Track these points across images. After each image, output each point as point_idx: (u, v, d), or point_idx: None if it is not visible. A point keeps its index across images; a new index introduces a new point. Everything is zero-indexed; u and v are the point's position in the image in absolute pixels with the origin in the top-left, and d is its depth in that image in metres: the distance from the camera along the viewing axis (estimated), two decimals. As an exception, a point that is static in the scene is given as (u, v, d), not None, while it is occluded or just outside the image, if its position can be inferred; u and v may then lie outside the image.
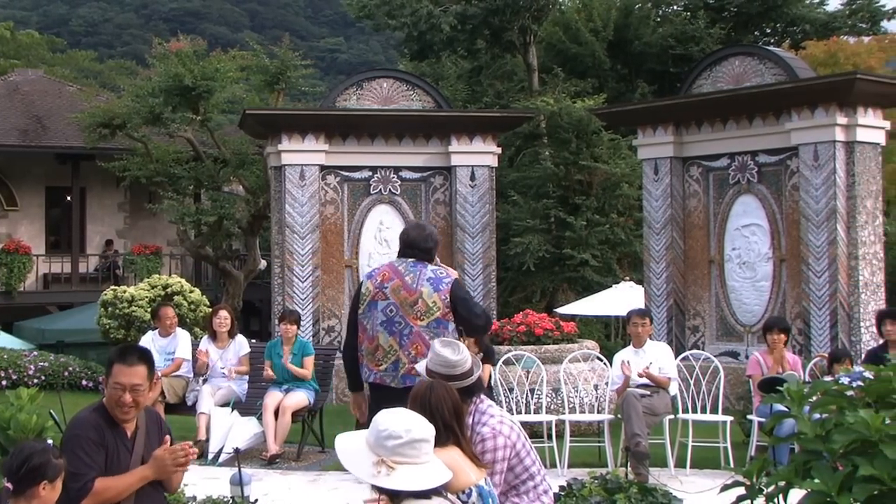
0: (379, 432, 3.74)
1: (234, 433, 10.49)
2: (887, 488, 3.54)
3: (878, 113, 13.15)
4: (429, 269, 6.48)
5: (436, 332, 6.31)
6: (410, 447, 3.71)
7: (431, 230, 6.77)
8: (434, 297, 6.38)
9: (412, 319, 6.40)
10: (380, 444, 3.71)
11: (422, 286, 6.40)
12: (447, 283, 6.42)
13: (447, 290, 6.40)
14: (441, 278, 6.45)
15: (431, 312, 6.39)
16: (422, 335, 6.36)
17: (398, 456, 3.69)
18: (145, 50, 26.34)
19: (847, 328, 12.64)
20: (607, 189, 22.51)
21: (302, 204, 14.80)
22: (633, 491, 6.28)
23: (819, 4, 31.70)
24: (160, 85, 21.31)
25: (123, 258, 27.46)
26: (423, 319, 6.38)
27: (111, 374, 4.74)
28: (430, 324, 6.38)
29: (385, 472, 3.68)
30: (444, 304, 6.37)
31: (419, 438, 3.74)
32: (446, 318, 6.39)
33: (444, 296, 6.38)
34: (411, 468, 3.71)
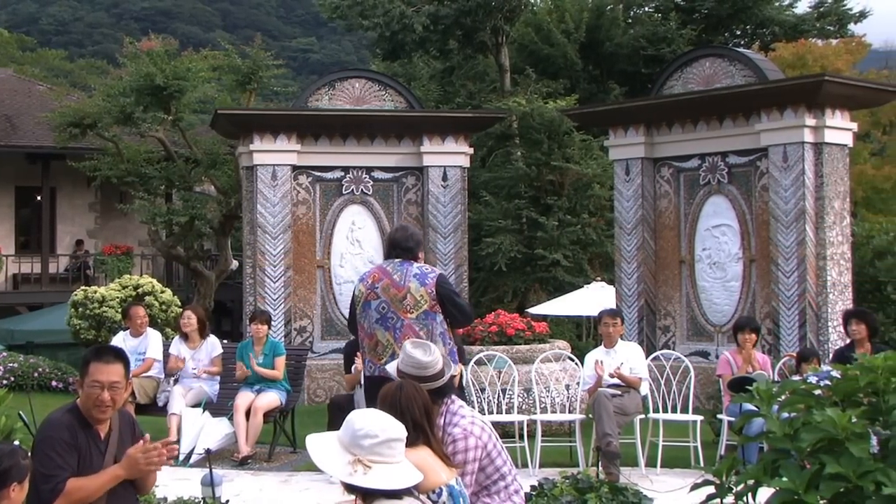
0: (355, 431, 3.75)
1: (205, 434, 10.47)
2: (853, 485, 3.58)
3: (846, 115, 13.27)
4: (414, 267, 7.04)
5: (424, 323, 6.93)
6: (386, 446, 3.73)
7: (413, 231, 7.37)
8: (421, 290, 6.94)
9: (402, 313, 6.96)
10: (356, 444, 3.73)
11: (409, 282, 6.97)
12: (432, 278, 6.99)
13: (433, 283, 6.96)
14: (426, 273, 7.02)
15: (419, 305, 6.95)
16: (412, 327, 6.93)
17: (374, 455, 3.71)
18: (116, 49, 26.20)
19: (815, 328, 12.74)
20: (579, 189, 22.57)
21: (274, 204, 14.77)
22: (604, 490, 6.31)
23: (788, 7, 31.93)
24: (131, 84, 21.19)
25: (94, 258, 27.29)
26: (412, 312, 6.95)
27: (88, 374, 4.73)
28: (419, 316, 6.95)
29: (361, 471, 3.70)
30: (430, 297, 6.93)
31: (394, 438, 3.76)
32: (434, 310, 6.95)
33: (430, 289, 6.94)
34: (386, 467, 3.72)
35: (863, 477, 3.56)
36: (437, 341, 6.87)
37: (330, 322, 15.08)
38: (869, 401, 3.90)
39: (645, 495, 6.49)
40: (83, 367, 4.77)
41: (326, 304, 15.11)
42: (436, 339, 6.90)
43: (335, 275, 15.16)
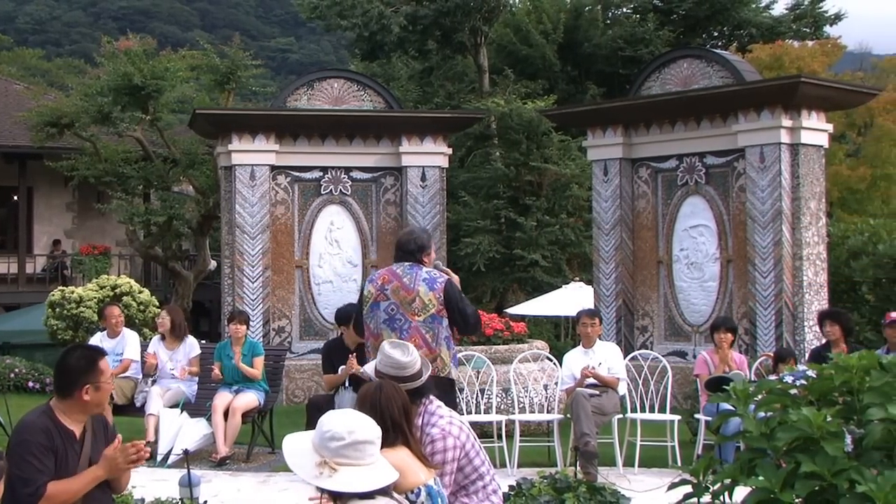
0: (322, 433, 3.76)
1: (183, 434, 10.44)
2: (828, 484, 3.61)
3: (822, 116, 13.35)
4: (423, 271, 7.21)
5: (431, 326, 7.10)
6: (353, 449, 3.72)
7: (418, 235, 7.50)
8: (430, 295, 7.12)
9: (410, 315, 7.13)
10: (323, 446, 3.74)
11: (418, 286, 7.14)
12: (440, 283, 7.15)
13: (441, 289, 7.14)
14: (435, 279, 7.18)
15: (427, 309, 7.12)
16: (419, 329, 7.10)
17: (340, 457, 3.71)
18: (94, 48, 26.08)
19: (791, 328, 12.82)
20: (557, 190, 22.62)
21: (252, 204, 14.75)
22: (582, 490, 6.33)
23: (765, 9, 32.10)
24: (109, 84, 21.11)
25: (71, 258, 27.15)
26: (419, 315, 7.12)
27: (102, 372, 4.79)
28: (425, 319, 7.11)
29: (327, 474, 3.70)
30: (438, 301, 7.11)
31: (362, 440, 3.75)
32: (440, 314, 7.13)
33: (438, 294, 7.12)
34: (354, 470, 3.72)
35: (837, 475, 3.59)
36: (441, 345, 7.12)
37: (308, 322, 15.07)
38: (844, 400, 3.94)
39: (623, 495, 6.51)
40: (93, 369, 4.78)
41: (305, 304, 15.10)
42: (441, 343, 7.12)
43: (314, 275, 15.14)
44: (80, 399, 4.74)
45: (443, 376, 7.07)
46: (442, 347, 7.13)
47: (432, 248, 7.48)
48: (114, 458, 4.70)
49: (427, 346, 7.05)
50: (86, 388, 4.74)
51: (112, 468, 4.71)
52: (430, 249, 7.41)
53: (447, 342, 7.18)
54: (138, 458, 4.73)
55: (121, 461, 4.70)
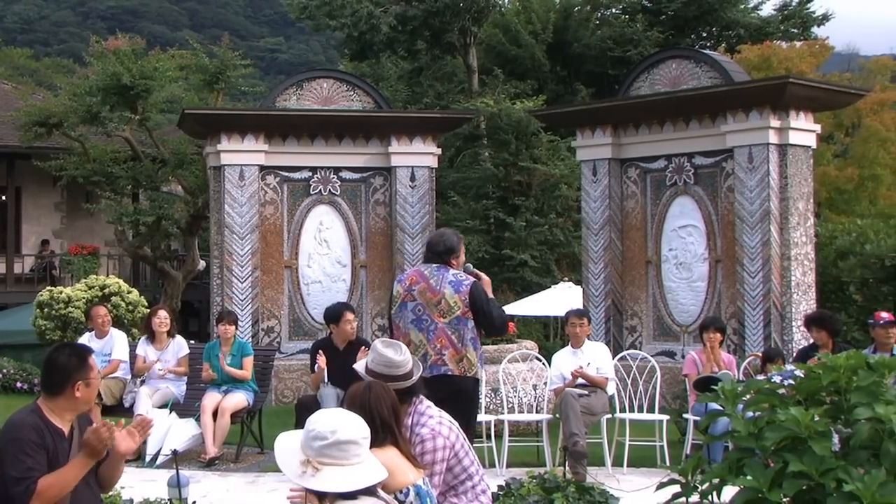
0: (308, 433, 3.77)
1: (172, 435, 10.43)
2: (815, 483, 3.63)
3: (810, 116, 13.39)
4: (450, 273, 7.33)
5: (456, 328, 7.23)
6: (336, 448, 3.73)
7: (447, 237, 7.59)
8: (455, 297, 7.24)
9: (437, 317, 7.27)
10: (307, 445, 3.75)
11: (444, 288, 7.27)
12: (466, 286, 7.27)
13: (466, 291, 7.25)
14: (461, 281, 7.29)
15: (453, 311, 7.25)
16: (445, 331, 7.24)
17: (323, 457, 3.72)
18: (83, 48, 25.96)
19: (780, 328, 12.85)
20: (546, 190, 22.66)
21: (241, 204, 14.73)
22: (571, 490, 6.35)
23: (753, 10, 32.20)
24: (98, 84, 21.05)
25: (60, 258, 27.09)
26: (445, 317, 7.26)
27: (91, 368, 4.82)
28: (451, 321, 7.25)
29: (310, 473, 3.72)
30: (463, 304, 7.23)
31: (346, 440, 3.75)
32: (466, 316, 7.24)
33: (463, 296, 7.24)
34: (337, 469, 3.73)
35: (825, 475, 3.61)
36: (468, 346, 7.23)
37: (298, 322, 15.06)
38: (831, 399, 3.96)
39: (611, 495, 6.53)
40: (84, 366, 4.81)
41: (294, 304, 15.09)
42: (467, 344, 7.23)
43: (303, 275, 15.13)
44: (71, 396, 4.75)
45: (469, 376, 7.28)
46: (468, 348, 7.26)
47: (461, 251, 7.56)
48: (87, 439, 4.69)
49: (453, 346, 7.23)
50: (77, 384, 4.76)
51: (92, 450, 4.69)
52: (459, 252, 7.51)
53: (473, 343, 7.30)
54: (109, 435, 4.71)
55: (94, 441, 4.67)
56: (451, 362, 7.23)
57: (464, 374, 7.24)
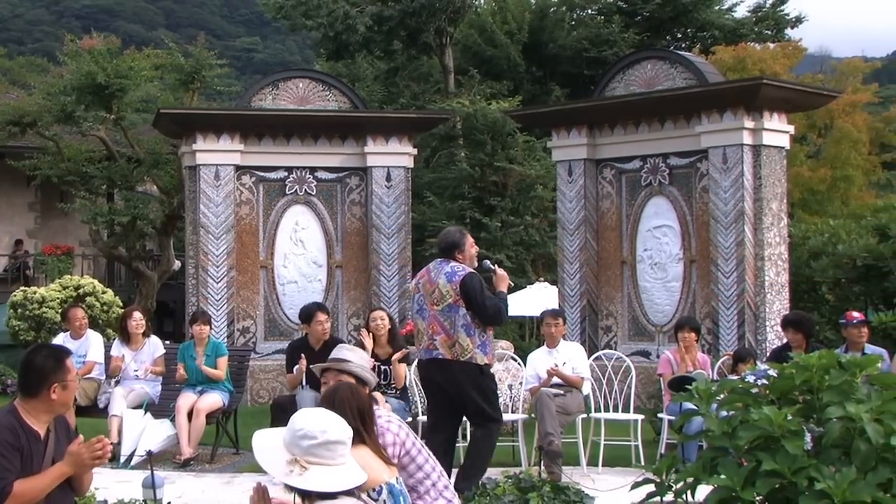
0: (295, 432, 3.77)
1: (146, 435, 10.40)
2: (788, 482, 3.67)
3: (783, 117, 13.47)
4: (448, 266, 7.94)
5: (448, 315, 7.82)
6: (325, 448, 3.73)
7: (450, 234, 8.21)
8: (448, 287, 7.83)
9: (430, 305, 7.92)
10: (295, 444, 3.74)
11: (439, 278, 7.90)
12: (459, 276, 7.83)
13: (458, 281, 7.80)
14: (455, 272, 7.87)
15: (444, 299, 7.84)
16: (437, 317, 7.87)
17: (312, 456, 3.72)
18: (57, 47, 25.81)
19: (754, 327, 12.92)
20: (522, 190, 22.66)
21: (217, 204, 14.69)
22: (547, 490, 6.37)
23: (727, 11, 32.35)
24: (72, 83, 20.92)
25: (34, 258, 26.91)
26: (438, 305, 7.88)
27: (68, 370, 4.80)
28: (443, 308, 7.85)
29: (298, 472, 3.71)
30: (455, 292, 7.79)
31: (334, 440, 3.76)
32: (457, 304, 7.79)
33: (455, 286, 7.80)
34: (324, 469, 3.73)
35: (797, 473, 3.65)
36: (459, 332, 7.80)
37: (273, 322, 15.03)
38: (804, 399, 4.00)
39: (586, 494, 6.56)
40: (61, 368, 4.79)
41: (270, 304, 15.06)
42: (458, 330, 7.82)
43: (278, 275, 15.11)
44: (47, 398, 4.73)
45: (464, 360, 7.82)
46: (460, 334, 7.80)
47: (467, 245, 8.06)
48: (79, 453, 4.68)
49: (445, 332, 7.85)
50: (54, 387, 4.74)
51: (77, 464, 4.70)
52: (465, 246, 8.04)
53: (466, 329, 7.81)
54: (103, 454, 4.73)
55: (86, 456, 4.68)
56: (442, 347, 7.85)
57: (456, 358, 7.81)
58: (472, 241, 8.22)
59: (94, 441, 4.71)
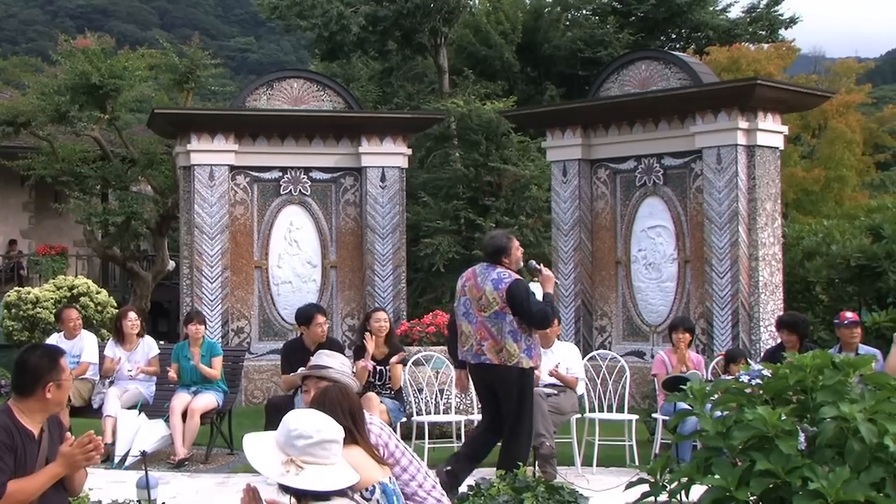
0: (289, 432, 3.77)
1: (141, 436, 10.38)
2: (782, 481, 3.67)
3: (777, 118, 13.50)
4: (495, 272, 8.12)
5: (494, 322, 8.04)
6: (320, 447, 3.74)
7: (496, 238, 8.45)
8: (494, 294, 8.02)
9: (477, 311, 8.12)
10: (290, 444, 3.75)
11: (486, 285, 8.09)
12: (506, 283, 8.02)
13: (504, 288, 7.99)
14: (502, 279, 8.05)
15: (491, 306, 8.04)
16: (484, 324, 8.09)
17: (307, 456, 3.73)
18: (51, 47, 25.68)
19: (748, 328, 12.95)
20: (516, 191, 22.66)
21: (211, 204, 14.69)
22: (541, 490, 6.36)
23: (721, 12, 32.37)
24: (66, 83, 20.89)
25: (28, 259, 26.87)
26: (485, 311, 8.08)
27: (63, 370, 4.79)
28: (490, 315, 8.06)
29: (294, 472, 3.72)
30: (501, 300, 7.98)
31: (329, 439, 3.77)
32: (504, 310, 7.99)
33: (501, 293, 7.98)
34: (320, 468, 3.74)
35: (791, 473, 3.66)
36: (506, 338, 8.01)
37: (268, 323, 15.03)
38: (797, 398, 4.01)
39: (581, 494, 6.55)
40: (55, 367, 4.78)
41: (264, 304, 15.06)
42: (505, 336, 8.02)
43: (273, 275, 15.11)
44: (42, 398, 4.73)
45: (510, 365, 8.05)
46: (507, 340, 8.01)
47: (512, 249, 8.24)
48: (71, 453, 4.68)
49: (493, 338, 8.06)
50: (48, 386, 4.73)
51: (70, 464, 4.69)
52: (510, 251, 8.22)
53: (512, 335, 8.02)
54: (95, 452, 4.72)
55: (79, 456, 4.68)
56: (489, 352, 8.09)
57: (503, 363, 8.05)
58: (518, 244, 8.44)
59: (84, 440, 4.70)
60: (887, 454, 3.68)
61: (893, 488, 3.66)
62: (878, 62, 50.72)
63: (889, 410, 3.78)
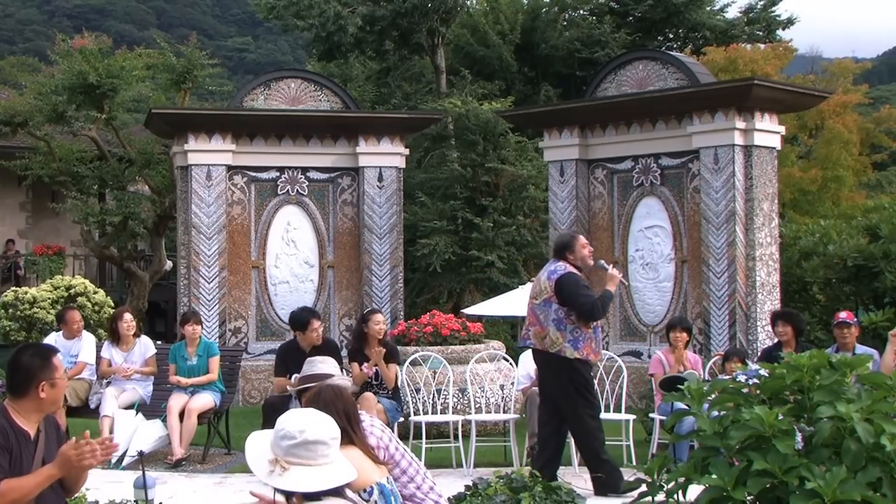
0: (277, 432, 3.78)
1: (138, 436, 10.38)
2: (779, 481, 3.68)
3: (774, 118, 13.52)
4: (554, 265, 8.55)
5: (542, 309, 8.43)
6: (304, 448, 3.73)
7: (563, 236, 9.19)
8: (546, 283, 8.47)
9: (531, 299, 8.63)
10: (276, 444, 3.76)
11: (543, 274, 8.60)
12: (557, 274, 8.41)
13: (555, 278, 8.39)
14: (556, 271, 8.46)
15: (542, 294, 8.47)
16: (534, 311, 8.54)
17: (291, 456, 3.73)
18: (48, 46, 25.68)
19: (745, 327, 12.96)
20: (514, 191, 22.68)
21: (208, 204, 14.69)
22: (538, 489, 6.37)
23: (719, 12, 32.39)
24: (64, 82, 20.88)
25: (25, 259, 26.85)
26: (537, 298, 8.52)
27: (56, 369, 4.78)
28: (539, 303, 8.47)
29: (278, 472, 3.72)
30: (550, 289, 8.40)
31: (313, 440, 3.75)
32: (551, 299, 8.38)
33: (551, 283, 8.39)
34: (305, 469, 3.73)
35: (788, 472, 3.66)
36: (549, 326, 8.38)
37: (265, 323, 15.03)
38: (794, 398, 4.01)
39: (578, 494, 6.55)
40: (48, 366, 4.76)
41: (261, 304, 15.06)
42: (549, 324, 8.39)
43: (270, 275, 15.11)
44: (36, 397, 4.72)
45: (552, 352, 8.38)
46: (550, 327, 8.37)
47: (577, 246, 8.57)
48: (69, 455, 4.66)
49: (539, 324, 8.46)
50: (41, 385, 4.72)
51: (67, 466, 4.68)
52: (575, 248, 8.56)
53: (556, 323, 8.36)
54: (94, 458, 4.69)
55: (75, 459, 4.66)
56: (535, 338, 8.52)
57: (546, 349, 8.42)
58: (585, 242, 8.74)
59: (82, 443, 4.68)
60: (883, 454, 3.69)
61: (890, 488, 3.67)
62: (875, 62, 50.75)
63: (885, 410, 3.79)
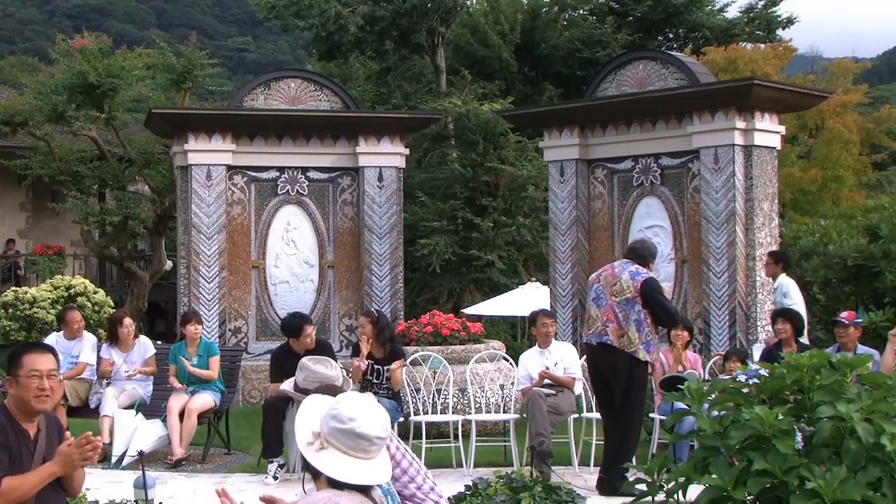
0: (330, 409, 3.70)
1: (138, 436, 10.38)
2: (779, 481, 3.68)
3: (774, 118, 13.51)
4: (634, 266, 8.73)
5: (624, 307, 8.56)
6: (348, 437, 3.63)
7: (649, 245, 9.26)
8: (629, 283, 8.58)
9: (609, 296, 8.66)
10: (325, 420, 3.69)
11: (623, 274, 8.68)
12: (642, 277, 8.61)
13: (640, 281, 8.58)
14: (640, 273, 8.66)
15: (624, 293, 8.58)
16: (613, 308, 8.61)
17: (334, 439, 3.64)
18: (48, 46, 25.67)
19: (745, 327, 12.96)
20: (514, 191, 22.70)
21: (208, 204, 14.68)
22: (538, 489, 6.37)
23: (719, 12, 32.42)
24: (64, 82, 20.89)
25: (25, 258, 26.85)
26: (617, 297, 8.61)
27: (22, 366, 4.74)
28: (621, 301, 8.59)
29: (316, 447, 3.65)
30: (635, 289, 8.54)
31: (360, 433, 3.65)
32: (634, 299, 8.53)
33: (636, 284, 8.55)
34: (342, 457, 3.65)
35: (788, 472, 3.66)
36: (630, 325, 8.54)
37: (265, 322, 15.02)
38: (795, 398, 4.01)
39: (578, 494, 6.56)
40: (14, 362, 4.75)
41: (261, 304, 15.05)
42: (630, 324, 8.55)
43: (270, 275, 15.10)
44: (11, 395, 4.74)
45: (627, 351, 8.56)
46: (630, 327, 8.53)
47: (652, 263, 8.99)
48: (68, 453, 4.67)
49: (618, 322, 8.57)
50: (7, 381, 4.75)
51: (67, 464, 4.68)
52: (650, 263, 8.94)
53: (637, 325, 8.53)
54: (93, 453, 4.70)
55: (76, 456, 4.67)
56: (612, 335, 8.60)
57: (623, 348, 8.54)
58: None
59: (82, 441, 4.69)
60: (884, 454, 3.68)
61: (890, 488, 3.67)
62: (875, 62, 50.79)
63: (885, 410, 3.78)
